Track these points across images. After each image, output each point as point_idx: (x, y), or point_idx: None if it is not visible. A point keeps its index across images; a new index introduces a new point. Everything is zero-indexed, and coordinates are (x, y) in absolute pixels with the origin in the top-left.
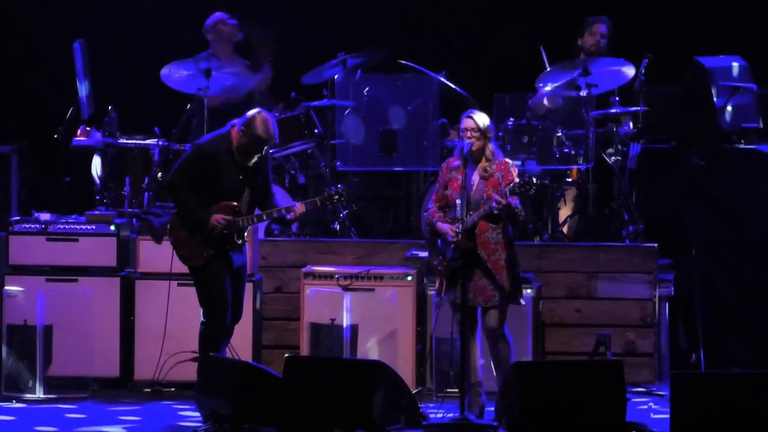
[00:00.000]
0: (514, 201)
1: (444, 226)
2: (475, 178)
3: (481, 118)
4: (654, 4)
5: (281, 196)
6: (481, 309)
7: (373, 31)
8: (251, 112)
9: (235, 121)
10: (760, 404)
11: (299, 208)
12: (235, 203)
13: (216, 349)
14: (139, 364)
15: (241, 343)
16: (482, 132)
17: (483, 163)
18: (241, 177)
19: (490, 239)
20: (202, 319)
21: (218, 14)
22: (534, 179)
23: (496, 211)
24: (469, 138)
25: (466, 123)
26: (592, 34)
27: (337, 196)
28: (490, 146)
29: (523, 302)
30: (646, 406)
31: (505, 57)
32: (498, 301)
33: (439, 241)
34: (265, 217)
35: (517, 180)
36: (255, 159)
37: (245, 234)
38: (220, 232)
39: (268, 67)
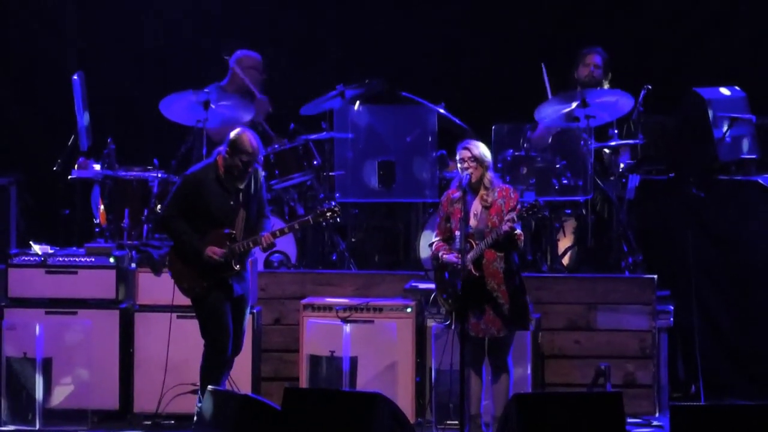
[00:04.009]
0: (516, 225)
1: (450, 257)
2: (477, 207)
3: (476, 148)
4: (652, 35)
5: (278, 226)
6: (489, 339)
7: (372, 62)
8: (233, 133)
9: (220, 148)
10: None
11: (287, 229)
12: (230, 230)
13: (216, 380)
14: (138, 397)
15: (240, 375)
16: (478, 161)
17: (482, 192)
18: (231, 203)
19: (499, 268)
20: (204, 349)
21: (256, 57)
22: (541, 202)
23: (502, 236)
24: (467, 168)
25: (462, 154)
26: (586, 64)
27: (329, 213)
28: (488, 174)
29: (532, 327)
30: None
31: (503, 88)
32: (509, 331)
33: (446, 274)
34: (260, 242)
35: (518, 207)
36: (246, 180)
37: (245, 259)
38: (217, 263)
39: (264, 97)
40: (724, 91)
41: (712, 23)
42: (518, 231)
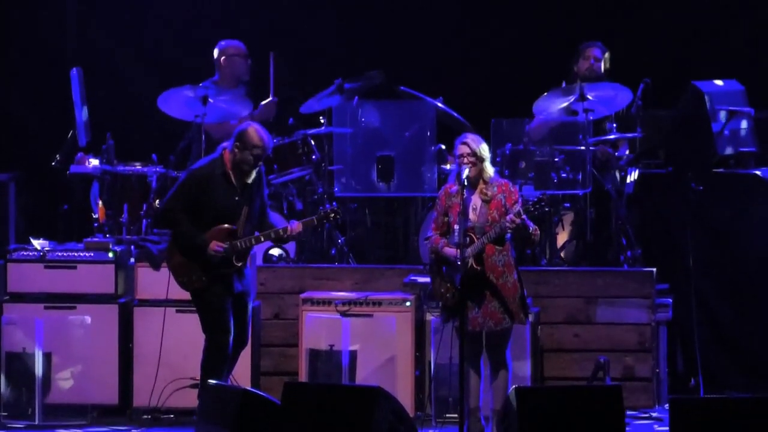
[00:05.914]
0: (527, 221)
1: (450, 251)
2: (477, 202)
3: (475, 142)
4: (651, 28)
5: (278, 222)
6: (487, 333)
7: (370, 57)
8: (240, 127)
9: (225, 143)
10: (758, 429)
11: (296, 227)
12: (232, 226)
13: (218, 375)
14: (137, 391)
15: (239, 370)
16: (477, 155)
17: (481, 186)
18: (236, 198)
19: (498, 262)
20: (204, 344)
21: (238, 44)
22: (547, 195)
23: (509, 231)
24: (466, 163)
25: (461, 149)
26: (586, 58)
27: (332, 214)
28: (487, 168)
29: (531, 318)
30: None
31: (502, 82)
32: (507, 324)
33: (444, 268)
34: (263, 239)
35: (520, 200)
36: (253, 175)
37: (246, 256)
38: (219, 257)
39: (273, 98)
40: (722, 84)
41: (712, 17)
42: (533, 226)
